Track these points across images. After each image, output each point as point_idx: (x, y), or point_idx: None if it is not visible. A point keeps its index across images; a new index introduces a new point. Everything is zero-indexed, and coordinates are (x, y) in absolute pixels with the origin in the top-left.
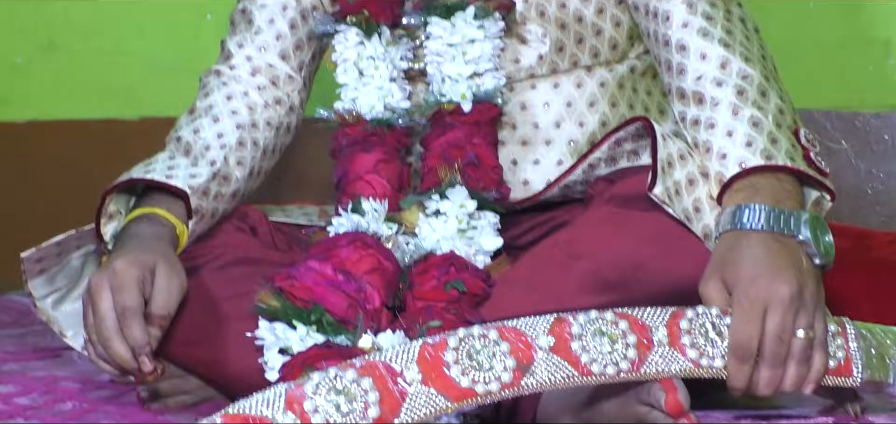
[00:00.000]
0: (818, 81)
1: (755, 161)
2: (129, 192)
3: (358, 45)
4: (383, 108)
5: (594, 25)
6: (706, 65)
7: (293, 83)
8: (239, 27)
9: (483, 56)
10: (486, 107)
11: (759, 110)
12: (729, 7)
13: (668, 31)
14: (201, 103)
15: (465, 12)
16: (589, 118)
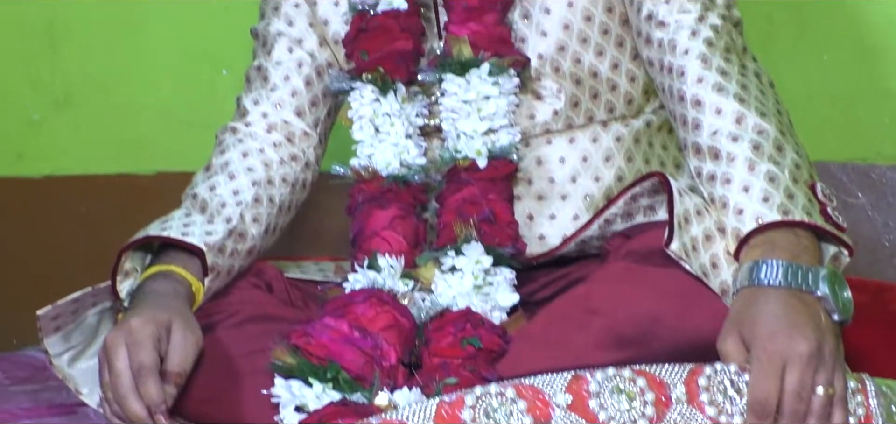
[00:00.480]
0: (834, 134)
1: (772, 216)
2: (146, 249)
3: (373, 102)
4: (399, 164)
5: (609, 80)
6: (722, 120)
7: (309, 140)
8: (255, 84)
9: (498, 112)
10: (502, 163)
11: (775, 165)
12: (744, 62)
13: (683, 87)
14: (217, 160)
15: (479, 69)
16: (605, 173)
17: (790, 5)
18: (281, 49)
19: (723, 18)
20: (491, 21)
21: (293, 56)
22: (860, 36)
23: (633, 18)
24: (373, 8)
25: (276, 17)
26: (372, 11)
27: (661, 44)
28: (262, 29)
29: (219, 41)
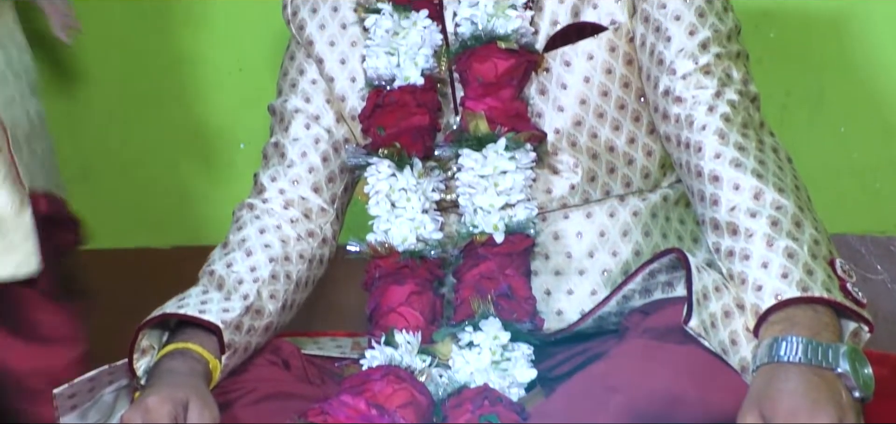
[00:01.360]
0: (852, 206)
1: (791, 293)
2: (163, 326)
3: (390, 178)
4: (416, 239)
5: (626, 155)
6: (739, 196)
7: (326, 216)
8: (272, 160)
9: (515, 187)
10: (519, 238)
11: (793, 241)
12: (761, 137)
13: (700, 162)
14: (234, 237)
15: (496, 144)
16: (622, 248)
17: (807, 78)
18: (298, 125)
19: (740, 94)
20: (507, 96)
21: (310, 132)
22: (878, 108)
23: (650, 94)
24: (389, 83)
25: (293, 94)
26: (388, 87)
27: (678, 119)
28: (280, 105)
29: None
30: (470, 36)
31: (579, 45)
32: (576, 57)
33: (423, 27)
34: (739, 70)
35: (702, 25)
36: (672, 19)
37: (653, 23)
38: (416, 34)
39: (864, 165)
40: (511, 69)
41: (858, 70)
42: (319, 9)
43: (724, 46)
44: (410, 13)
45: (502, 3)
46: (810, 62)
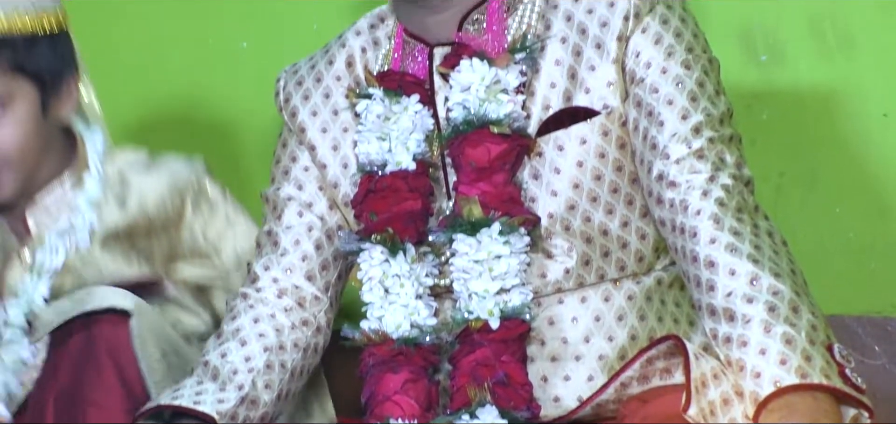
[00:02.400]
0: (848, 287)
1: (790, 380)
2: (157, 417)
3: (383, 264)
4: (410, 326)
5: (620, 239)
6: (736, 281)
7: (320, 304)
8: (265, 249)
9: (509, 272)
10: (515, 323)
11: (791, 327)
12: (756, 221)
13: (695, 247)
14: (228, 327)
15: (490, 229)
16: (618, 332)
17: (800, 158)
18: (291, 214)
19: (734, 178)
20: (500, 181)
21: (303, 220)
22: (872, 187)
23: (644, 178)
24: (381, 169)
25: (285, 182)
26: (380, 172)
27: (672, 204)
28: (272, 194)
29: None
30: (462, 121)
31: (572, 129)
32: (568, 141)
33: (414, 112)
34: (733, 154)
35: (694, 110)
36: (664, 104)
37: (645, 107)
38: (408, 119)
39: (860, 245)
40: (504, 154)
41: (852, 150)
42: (311, 96)
43: (717, 130)
44: (401, 98)
45: (494, 87)
46: (803, 143)
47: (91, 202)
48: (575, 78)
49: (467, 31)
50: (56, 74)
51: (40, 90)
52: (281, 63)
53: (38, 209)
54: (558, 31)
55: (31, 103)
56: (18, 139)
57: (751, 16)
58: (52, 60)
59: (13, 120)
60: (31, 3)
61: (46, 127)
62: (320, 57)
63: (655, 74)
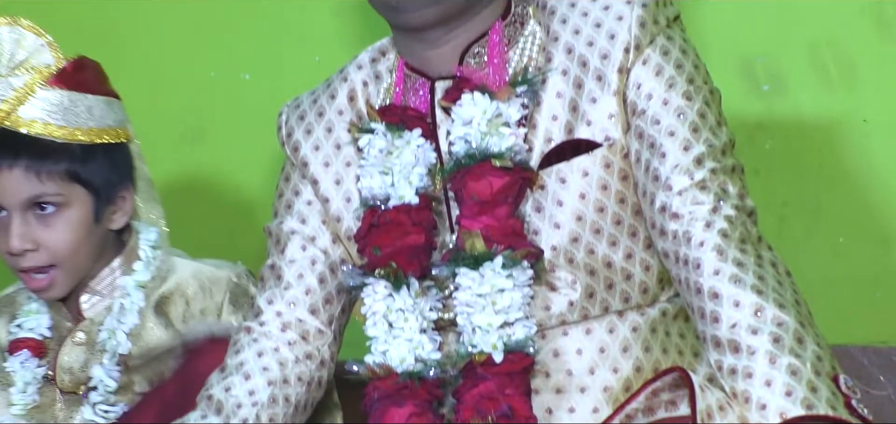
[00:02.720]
0: (852, 317)
1: (796, 411)
2: None
3: (387, 298)
4: (414, 360)
5: (624, 270)
6: (740, 313)
7: (324, 337)
8: (268, 283)
9: (513, 305)
10: (518, 357)
11: (796, 358)
12: (759, 252)
13: (699, 279)
14: (232, 361)
15: (493, 262)
16: (623, 364)
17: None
18: (294, 247)
19: (736, 209)
20: (503, 214)
21: (306, 254)
22: (876, 218)
23: (646, 210)
24: (384, 203)
25: (288, 216)
26: (383, 206)
27: (675, 236)
28: (275, 228)
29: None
30: (464, 154)
31: (574, 162)
32: (571, 174)
33: (416, 146)
34: (735, 185)
35: (696, 141)
36: (666, 135)
37: (647, 139)
38: (410, 153)
39: (864, 275)
40: (506, 187)
41: (855, 180)
42: (314, 130)
43: (719, 161)
44: (404, 132)
45: (496, 121)
46: (807, 173)
47: (139, 284)
48: (576, 110)
49: (468, 65)
50: (110, 186)
51: (94, 199)
52: (283, 95)
53: (90, 293)
54: (559, 63)
55: (85, 210)
56: (70, 242)
57: (752, 46)
58: (107, 173)
59: (66, 224)
60: (93, 117)
61: (98, 231)
62: (322, 91)
63: (657, 105)
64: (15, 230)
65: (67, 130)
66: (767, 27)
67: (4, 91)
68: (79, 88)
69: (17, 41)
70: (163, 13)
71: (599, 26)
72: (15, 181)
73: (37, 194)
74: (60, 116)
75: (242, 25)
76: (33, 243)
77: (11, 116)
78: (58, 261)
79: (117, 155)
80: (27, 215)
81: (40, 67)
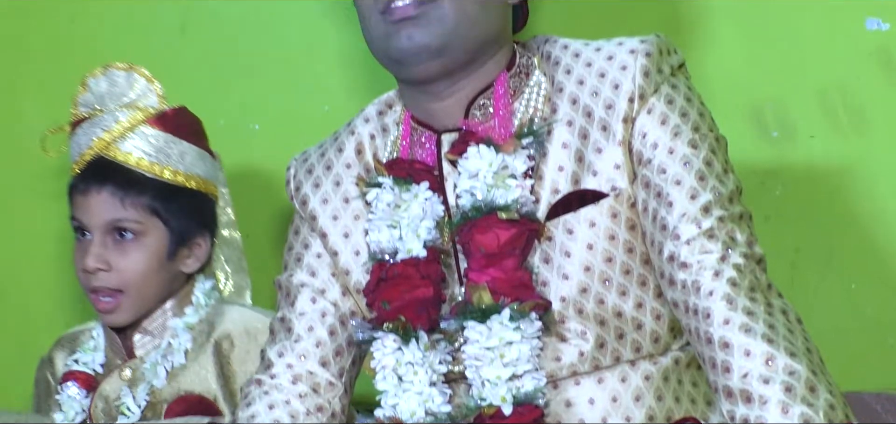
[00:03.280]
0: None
1: None
2: None
3: (396, 352)
4: (424, 413)
5: (634, 320)
6: (751, 362)
7: (334, 390)
8: (279, 335)
9: (521, 358)
10: (528, 409)
11: (808, 407)
12: (769, 300)
13: (709, 329)
14: (243, 414)
15: (500, 315)
16: (636, 413)
17: (816, 235)
18: (304, 300)
19: (745, 257)
20: (510, 266)
21: (317, 306)
22: (889, 263)
23: (655, 259)
24: (392, 256)
25: (298, 268)
26: (391, 260)
27: (684, 285)
28: (285, 280)
29: None
30: (470, 207)
31: (581, 212)
32: (578, 224)
33: (424, 199)
34: (743, 232)
35: (703, 189)
36: (673, 184)
37: (654, 188)
38: (418, 206)
39: (877, 321)
40: (513, 239)
41: (867, 225)
42: (322, 183)
43: (727, 209)
44: (411, 186)
45: (502, 173)
46: (818, 219)
47: (188, 326)
48: (582, 161)
49: (474, 117)
50: (187, 229)
51: (170, 235)
52: (293, 145)
53: (142, 333)
54: (564, 114)
55: (160, 244)
56: (141, 271)
57: (761, 92)
58: (186, 216)
59: (141, 252)
60: (183, 161)
61: (169, 269)
62: (330, 144)
63: (663, 154)
64: (93, 250)
65: (157, 167)
66: (776, 73)
67: (109, 123)
68: (175, 133)
69: (129, 84)
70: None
71: (603, 76)
72: (101, 204)
73: (118, 219)
74: (153, 153)
75: (251, 75)
76: (107, 264)
77: (111, 147)
78: (125, 287)
79: (199, 203)
80: (107, 239)
81: (145, 108)
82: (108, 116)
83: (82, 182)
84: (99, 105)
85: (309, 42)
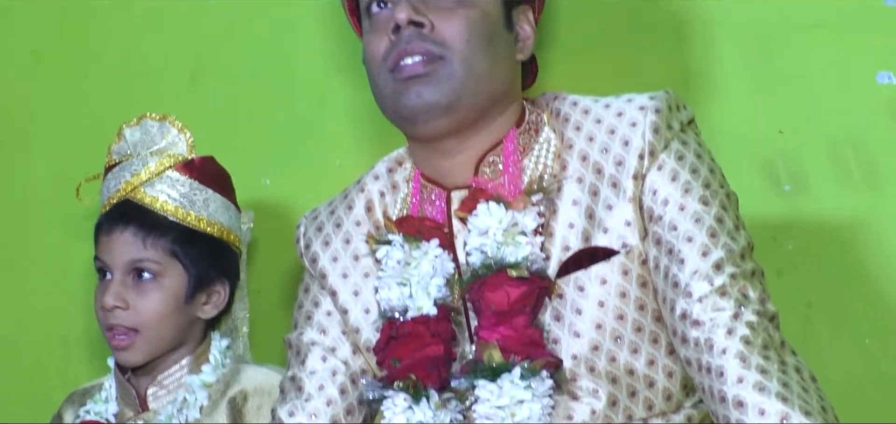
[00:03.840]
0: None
1: None
2: None
3: (407, 411)
4: None
5: (646, 378)
6: (765, 421)
7: None
8: (289, 394)
9: (532, 416)
10: None
11: None
12: (783, 357)
13: (723, 387)
14: None
15: (511, 373)
16: None
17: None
18: (314, 358)
19: (758, 314)
20: (521, 324)
21: (327, 365)
22: None
23: (667, 316)
24: (403, 314)
25: (308, 327)
26: (402, 318)
27: (697, 343)
28: (295, 339)
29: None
30: (480, 265)
31: (592, 269)
32: (589, 282)
33: (434, 256)
34: (755, 289)
35: (714, 246)
36: (684, 241)
37: (665, 245)
38: (428, 264)
39: (892, 376)
40: (523, 297)
41: (880, 279)
42: (331, 241)
43: (739, 266)
44: (421, 243)
45: (512, 230)
46: (831, 273)
47: (204, 384)
48: (593, 218)
49: (484, 174)
50: (206, 274)
51: (189, 279)
52: (304, 200)
53: (157, 387)
54: (574, 171)
55: (178, 286)
56: (158, 312)
57: (772, 145)
58: (206, 262)
59: (158, 293)
60: (207, 208)
61: (186, 313)
62: (340, 202)
63: (673, 210)
64: (112, 288)
65: (181, 211)
66: (787, 126)
67: (138, 167)
68: (201, 180)
69: (162, 133)
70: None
71: (613, 133)
72: (123, 244)
73: (138, 259)
74: (178, 198)
75: (262, 130)
76: (125, 302)
77: (138, 190)
78: (141, 326)
79: (220, 250)
80: (127, 278)
81: (174, 155)
82: (137, 161)
83: (107, 222)
84: (131, 152)
85: (320, 97)
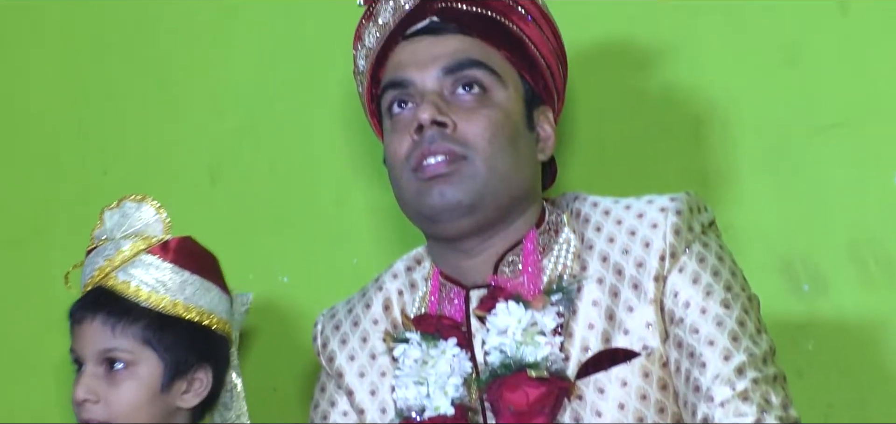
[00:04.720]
0: None
1: None
2: None
3: None
4: None
5: None
6: None
7: None
8: None
9: None
10: None
11: None
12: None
13: None
14: None
15: None
16: None
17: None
18: None
19: (780, 420)
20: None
21: None
22: None
23: (688, 419)
24: (420, 414)
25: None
26: (419, 417)
27: None
28: None
29: None
30: (499, 364)
31: (612, 371)
32: (609, 384)
33: (452, 356)
34: (778, 395)
35: (737, 349)
36: (706, 344)
37: (686, 348)
38: (446, 363)
39: None
40: (542, 398)
41: None
42: (349, 340)
43: (761, 370)
44: (439, 342)
45: (531, 330)
46: (851, 373)
47: None
48: (613, 319)
49: (503, 273)
50: (183, 361)
51: (164, 367)
52: (322, 297)
53: None
54: (594, 271)
55: (153, 376)
56: (130, 403)
57: (791, 245)
58: (183, 348)
59: (131, 384)
60: (183, 292)
61: (164, 402)
62: (357, 300)
63: (695, 313)
64: (83, 380)
65: (154, 297)
66: (806, 227)
67: (111, 252)
68: (178, 263)
69: (137, 215)
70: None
71: (634, 234)
72: (92, 333)
73: (109, 348)
74: (152, 282)
75: (280, 227)
76: (96, 395)
77: (110, 276)
78: (114, 419)
79: (200, 335)
80: (98, 370)
81: (148, 237)
82: (111, 244)
83: (79, 311)
84: (108, 236)
85: (338, 195)
